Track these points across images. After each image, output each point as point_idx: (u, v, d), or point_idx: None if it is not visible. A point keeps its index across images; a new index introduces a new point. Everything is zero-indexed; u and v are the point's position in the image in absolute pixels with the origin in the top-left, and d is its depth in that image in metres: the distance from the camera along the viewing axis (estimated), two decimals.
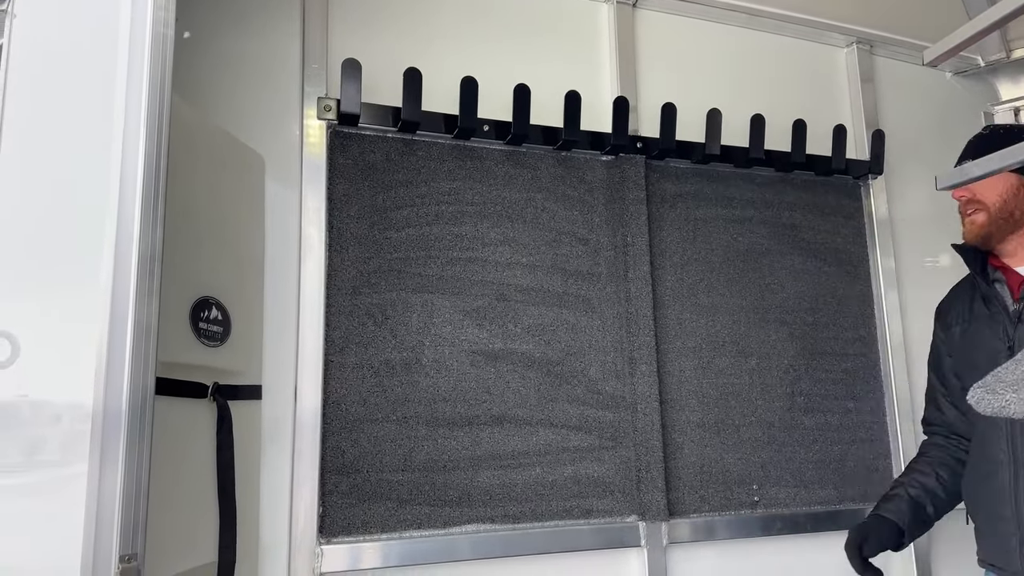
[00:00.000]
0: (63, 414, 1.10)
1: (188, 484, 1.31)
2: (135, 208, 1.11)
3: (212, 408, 1.36)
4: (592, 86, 1.98)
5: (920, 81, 2.44)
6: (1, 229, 1.31)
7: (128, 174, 1.11)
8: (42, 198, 1.28)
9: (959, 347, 1.64)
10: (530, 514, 1.71)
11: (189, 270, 1.34)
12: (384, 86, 1.74)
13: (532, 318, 1.81)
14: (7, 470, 1.18)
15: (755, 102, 2.11)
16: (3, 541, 1.14)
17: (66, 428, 1.09)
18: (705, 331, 1.96)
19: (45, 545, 1.06)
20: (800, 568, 1.96)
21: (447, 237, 1.77)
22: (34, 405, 1.18)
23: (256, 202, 1.62)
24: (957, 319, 1.67)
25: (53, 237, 1.22)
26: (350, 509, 1.58)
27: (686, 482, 1.86)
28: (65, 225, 1.19)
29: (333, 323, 1.64)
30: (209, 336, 1.36)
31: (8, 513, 1.16)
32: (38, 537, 1.09)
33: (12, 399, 1.19)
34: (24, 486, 1.16)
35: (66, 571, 1.00)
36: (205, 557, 1.33)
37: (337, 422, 1.60)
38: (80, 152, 1.18)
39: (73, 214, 1.18)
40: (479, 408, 1.72)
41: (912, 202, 2.34)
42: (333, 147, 1.71)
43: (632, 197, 1.92)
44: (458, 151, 1.82)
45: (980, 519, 1.58)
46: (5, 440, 1.19)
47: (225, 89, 1.67)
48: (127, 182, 1.11)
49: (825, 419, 2.04)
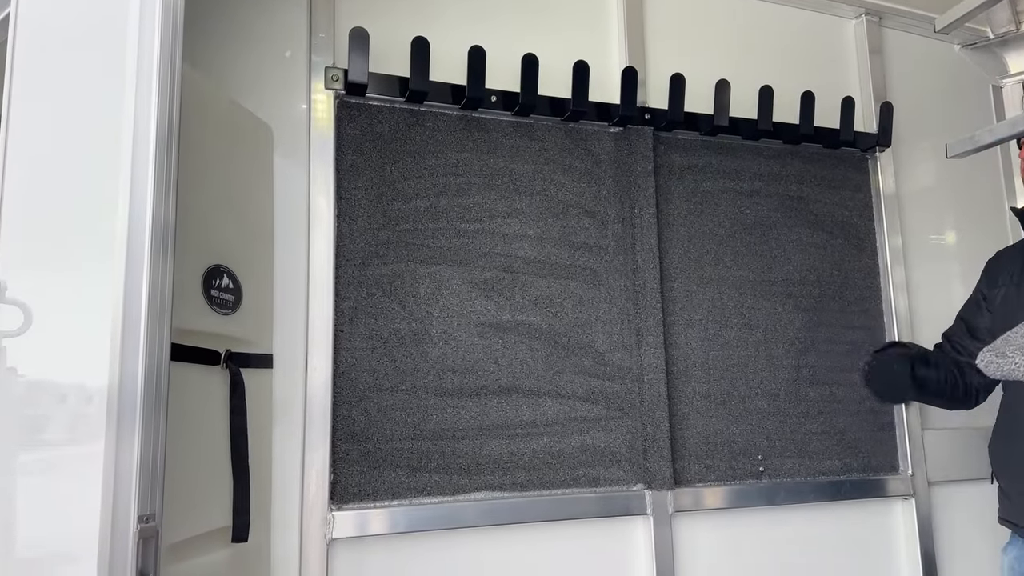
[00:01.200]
0: (79, 381, 1.11)
1: (202, 449, 1.33)
2: (148, 176, 1.11)
3: (225, 375, 1.38)
4: (600, 57, 1.97)
5: (929, 54, 2.43)
6: (13, 200, 1.32)
7: (140, 143, 1.12)
8: (54, 168, 1.29)
9: (1001, 308, 1.64)
10: (538, 482, 1.73)
11: (200, 239, 1.35)
12: (392, 56, 1.74)
13: (539, 290, 1.82)
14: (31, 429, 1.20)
15: (763, 74, 2.10)
16: (28, 503, 1.16)
17: (83, 394, 1.10)
18: (711, 303, 1.97)
19: (66, 507, 1.08)
20: (804, 537, 1.99)
21: (455, 209, 1.78)
22: (49, 373, 1.20)
23: (265, 172, 1.63)
24: (1008, 279, 1.66)
25: (66, 207, 1.22)
26: (361, 476, 1.60)
27: (692, 452, 1.88)
28: (78, 194, 1.20)
29: (342, 294, 1.65)
30: (221, 304, 1.37)
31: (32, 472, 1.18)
32: (59, 499, 1.11)
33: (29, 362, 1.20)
34: (44, 449, 1.18)
35: (87, 530, 1.01)
36: (219, 521, 1.36)
37: (347, 391, 1.62)
38: (91, 121, 1.18)
39: (86, 183, 1.18)
40: (487, 379, 1.74)
41: (919, 176, 2.34)
42: (341, 117, 1.70)
43: (640, 169, 1.92)
44: (465, 122, 1.82)
45: (1006, 480, 1.61)
46: (26, 402, 1.21)
47: (232, 59, 1.67)
48: (139, 151, 1.12)
49: (830, 391, 2.05)
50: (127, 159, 1.11)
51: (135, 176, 1.10)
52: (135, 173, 1.11)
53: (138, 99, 1.12)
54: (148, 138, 1.12)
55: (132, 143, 1.11)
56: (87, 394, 1.09)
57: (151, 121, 1.12)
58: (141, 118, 1.12)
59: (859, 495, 2.03)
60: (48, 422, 1.20)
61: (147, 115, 1.12)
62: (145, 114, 1.12)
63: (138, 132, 1.11)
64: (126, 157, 1.11)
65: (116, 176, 1.11)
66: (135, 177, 1.10)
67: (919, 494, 2.08)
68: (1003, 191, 2.45)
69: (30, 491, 1.18)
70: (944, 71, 2.45)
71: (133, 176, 1.10)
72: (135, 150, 1.11)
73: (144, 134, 1.12)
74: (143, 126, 1.12)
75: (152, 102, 1.13)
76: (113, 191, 1.10)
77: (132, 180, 1.10)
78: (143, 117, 1.12)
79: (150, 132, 1.12)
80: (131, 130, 1.11)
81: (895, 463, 2.09)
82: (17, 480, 1.20)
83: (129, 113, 1.12)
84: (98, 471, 1.02)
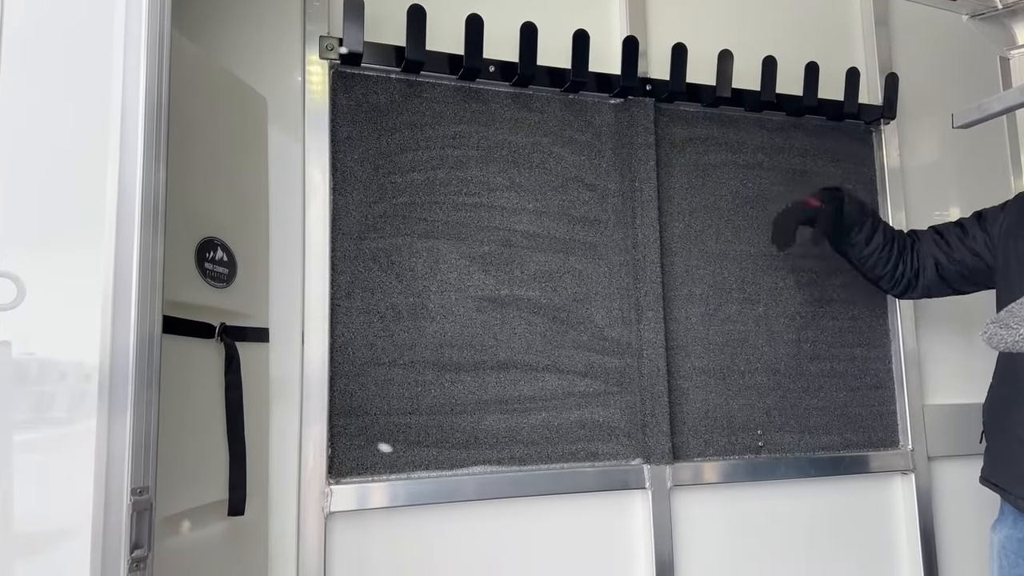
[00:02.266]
0: (71, 355, 1.10)
1: (197, 423, 1.32)
2: (137, 146, 1.09)
3: (220, 349, 1.37)
4: (601, 26, 1.93)
5: (936, 24, 2.38)
6: (3, 172, 1.30)
7: (129, 112, 1.09)
8: (42, 139, 1.26)
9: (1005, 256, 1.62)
10: (536, 456, 1.73)
11: (193, 211, 1.33)
12: (388, 25, 1.71)
13: (538, 264, 1.80)
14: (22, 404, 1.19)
15: (767, 44, 2.06)
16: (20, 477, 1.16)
17: (75, 367, 1.09)
18: (712, 278, 1.95)
19: (60, 480, 1.07)
20: (802, 512, 1.99)
21: (452, 182, 1.75)
22: (40, 347, 1.19)
23: (259, 143, 1.60)
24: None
25: (55, 178, 1.20)
26: (358, 450, 1.59)
27: (691, 427, 1.88)
28: (66, 165, 1.18)
29: (339, 267, 1.63)
30: (215, 277, 1.36)
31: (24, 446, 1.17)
32: (52, 472, 1.10)
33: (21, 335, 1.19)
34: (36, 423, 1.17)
35: (81, 504, 1.01)
36: (216, 495, 1.35)
37: (345, 366, 1.61)
38: (80, 90, 1.16)
39: (74, 153, 1.16)
40: (485, 353, 1.72)
41: (924, 149, 2.31)
42: (336, 88, 1.68)
43: (640, 142, 1.89)
44: (463, 93, 1.79)
45: (996, 441, 1.61)
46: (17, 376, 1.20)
47: (224, 28, 1.63)
48: (128, 120, 1.09)
49: (831, 366, 2.04)
50: (116, 129, 1.08)
51: (124, 146, 1.08)
52: (124, 143, 1.09)
53: (126, 67, 1.10)
54: (137, 107, 1.09)
55: (121, 112, 1.09)
56: (79, 367, 1.08)
57: (140, 90, 1.09)
58: (130, 86, 1.09)
59: (859, 470, 2.03)
60: (40, 396, 1.20)
61: (136, 83, 1.09)
62: (134, 82, 1.10)
63: (127, 101, 1.09)
64: (115, 127, 1.09)
65: (105, 146, 1.09)
66: (124, 147, 1.08)
67: (919, 469, 2.07)
68: (1009, 166, 2.42)
69: (22, 466, 1.17)
70: (951, 42, 2.41)
71: (123, 146, 1.08)
72: (124, 119, 1.09)
73: (133, 103, 1.09)
74: (132, 95, 1.09)
75: (141, 70, 1.10)
76: (102, 162, 1.08)
77: (121, 150, 1.08)
78: (132, 85, 1.09)
79: (139, 101, 1.09)
80: (120, 99, 1.09)
81: (895, 438, 2.08)
82: (11, 455, 1.20)
83: (117, 81, 1.09)
84: (91, 444, 1.02)
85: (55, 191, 1.18)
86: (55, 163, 1.20)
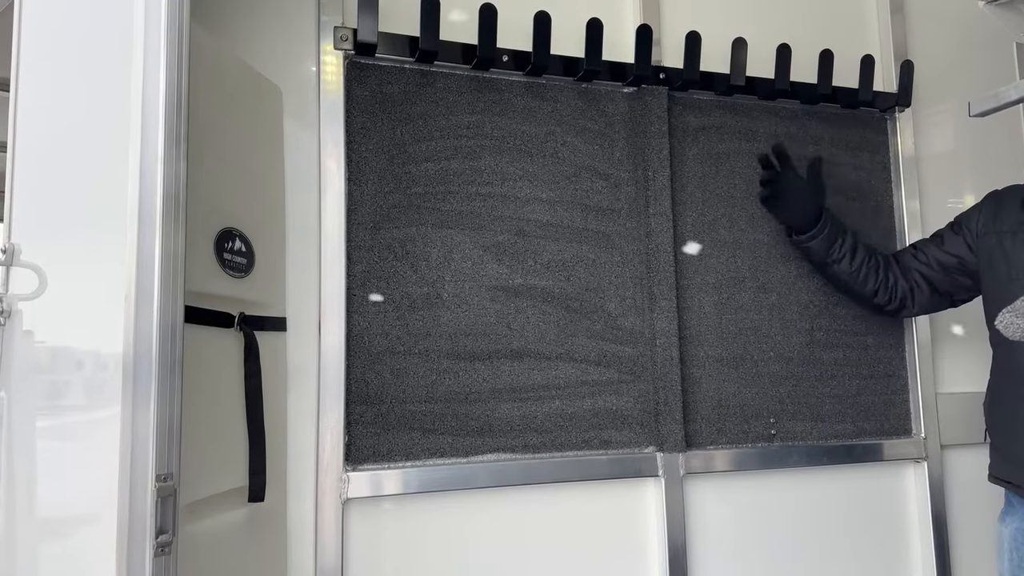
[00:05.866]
0: (95, 344, 1.12)
1: (218, 411, 1.34)
2: (158, 138, 1.10)
3: (239, 338, 1.38)
4: (614, 15, 1.93)
5: (951, 10, 2.36)
6: (24, 165, 1.31)
7: (149, 104, 1.10)
8: (64, 132, 1.28)
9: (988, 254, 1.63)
10: (550, 444, 1.74)
11: (211, 202, 1.34)
12: (401, 15, 1.71)
13: (552, 254, 1.81)
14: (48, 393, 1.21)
15: (781, 32, 2.05)
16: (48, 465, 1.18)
17: (99, 357, 1.11)
18: (725, 267, 1.96)
19: (86, 467, 1.09)
20: (815, 500, 2.00)
21: (466, 172, 1.76)
22: (65, 337, 1.21)
23: (275, 134, 1.61)
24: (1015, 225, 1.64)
25: (76, 170, 1.22)
26: (375, 438, 1.61)
27: (704, 415, 1.89)
28: (88, 158, 1.19)
29: (355, 257, 1.65)
30: (234, 267, 1.37)
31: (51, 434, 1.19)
32: (79, 460, 1.12)
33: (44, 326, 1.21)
34: (63, 412, 1.19)
35: (106, 490, 1.03)
36: (236, 481, 1.37)
37: (361, 354, 1.63)
38: (100, 83, 1.17)
39: (96, 146, 1.18)
40: (499, 342, 1.74)
41: (939, 137, 2.29)
42: (350, 78, 1.68)
43: (654, 130, 1.89)
44: (477, 83, 1.79)
45: (1002, 437, 1.61)
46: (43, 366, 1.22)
47: (240, 18, 1.64)
48: (149, 113, 1.10)
49: (844, 354, 2.04)
50: (136, 120, 1.09)
51: (145, 137, 1.09)
52: (145, 134, 1.09)
53: (147, 60, 1.11)
54: (157, 99, 1.10)
55: (141, 104, 1.10)
56: (103, 357, 1.10)
57: (160, 82, 1.10)
58: (150, 79, 1.10)
59: (871, 458, 2.03)
60: (66, 385, 1.22)
61: (156, 76, 1.10)
62: (154, 75, 1.10)
63: (147, 93, 1.10)
64: (136, 118, 1.09)
65: (126, 137, 1.09)
66: (145, 138, 1.09)
67: (931, 458, 2.08)
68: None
69: (50, 453, 1.19)
70: (967, 28, 2.39)
71: (144, 137, 1.09)
72: (144, 111, 1.10)
73: (153, 95, 1.10)
74: (152, 87, 1.10)
75: (161, 62, 1.11)
76: (123, 153, 1.09)
77: (143, 141, 1.09)
78: (152, 78, 1.10)
79: (159, 93, 1.10)
80: (140, 91, 1.10)
81: (908, 427, 2.09)
82: (37, 443, 1.22)
83: (138, 74, 1.10)
84: (115, 432, 1.03)
85: (78, 183, 1.20)
86: (77, 156, 1.22)
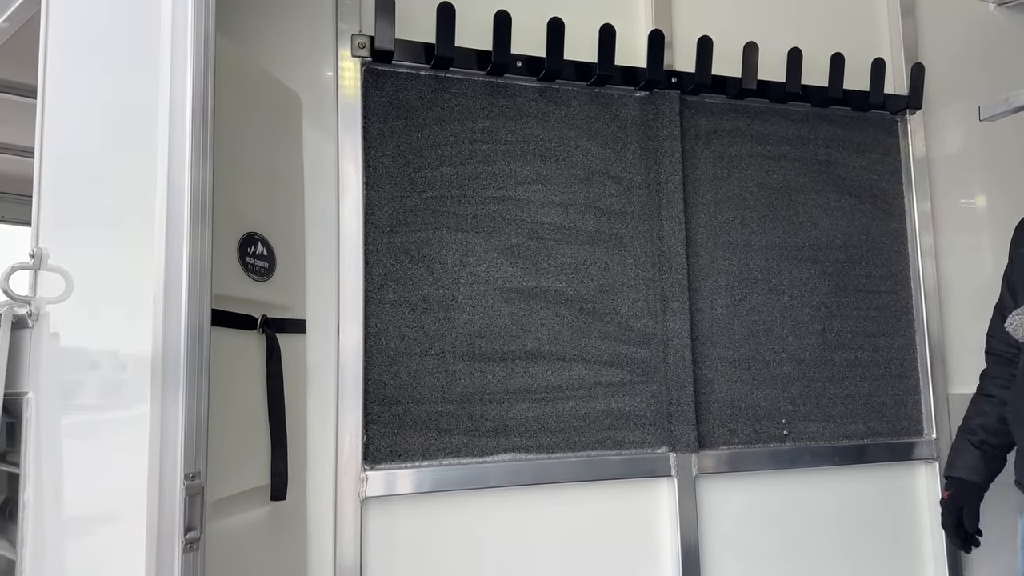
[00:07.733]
0: (124, 346, 1.15)
1: (241, 412, 1.37)
2: (185, 144, 1.12)
3: (261, 340, 1.41)
4: (627, 20, 1.95)
5: (962, 13, 2.37)
6: (52, 170, 1.35)
7: (176, 111, 1.12)
8: (92, 138, 1.31)
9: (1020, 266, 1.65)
10: (564, 444, 1.77)
11: (234, 207, 1.37)
12: (418, 22, 1.74)
13: (565, 256, 1.83)
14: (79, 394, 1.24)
15: (792, 35, 2.07)
16: (79, 464, 1.21)
17: (128, 358, 1.14)
18: (737, 269, 1.97)
19: (116, 466, 1.12)
20: (827, 500, 2.01)
21: (481, 176, 1.79)
22: (94, 339, 1.24)
23: (294, 140, 1.64)
24: None
25: (105, 176, 1.25)
26: (392, 438, 1.64)
27: (716, 416, 1.90)
28: (116, 163, 1.22)
29: (372, 260, 1.68)
30: (256, 271, 1.40)
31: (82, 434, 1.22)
32: (109, 459, 1.15)
33: (74, 328, 1.24)
34: (93, 412, 1.22)
35: (136, 488, 1.05)
36: (258, 480, 1.40)
37: (378, 356, 1.65)
38: (129, 91, 1.20)
39: (124, 152, 1.21)
40: (514, 344, 1.76)
41: (950, 139, 2.30)
42: (367, 85, 1.71)
43: (666, 134, 1.91)
44: (491, 88, 1.81)
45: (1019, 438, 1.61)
46: (73, 367, 1.25)
47: (259, 27, 1.68)
48: (176, 119, 1.12)
49: (855, 355, 2.06)
50: (164, 128, 1.11)
51: (172, 144, 1.11)
52: (172, 141, 1.12)
53: (173, 69, 1.13)
54: (184, 106, 1.12)
55: (169, 112, 1.12)
56: (130, 358, 1.12)
57: (187, 91, 1.13)
58: (177, 88, 1.13)
59: (883, 459, 2.04)
60: (91, 386, 1.25)
61: (183, 85, 1.13)
62: (181, 84, 1.13)
63: (174, 100, 1.12)
64: (163, 126, 1.12)
65: (153, 144, 1.12)
66: (173, 145, 1.11)
67: (943, 458, 2.07)
68: None
69: (81, 453, 1.22)
70: (978, 30, 2.39)
71: (171, 144, 1.11)
72: (172, 118, 1.12)
73: (180, 103, 1.12)
74: (179, 95, 1.12)
75: (188, 72, 1.13)
76: (150, 160, 1.12)
77: (170, 147, 1.11)
78: (179, 87, 1.13)
79: (186, 101, 1.12)
80: (167, 99, 1.12)
81: (919, 427, 2.10)
82: (64, 442, 1.25)
83: (165, 83, 1.12)
84: (144, 431, 1.05)
85: (107, 188, 1.23)
86: (104, 163, 1.25)
